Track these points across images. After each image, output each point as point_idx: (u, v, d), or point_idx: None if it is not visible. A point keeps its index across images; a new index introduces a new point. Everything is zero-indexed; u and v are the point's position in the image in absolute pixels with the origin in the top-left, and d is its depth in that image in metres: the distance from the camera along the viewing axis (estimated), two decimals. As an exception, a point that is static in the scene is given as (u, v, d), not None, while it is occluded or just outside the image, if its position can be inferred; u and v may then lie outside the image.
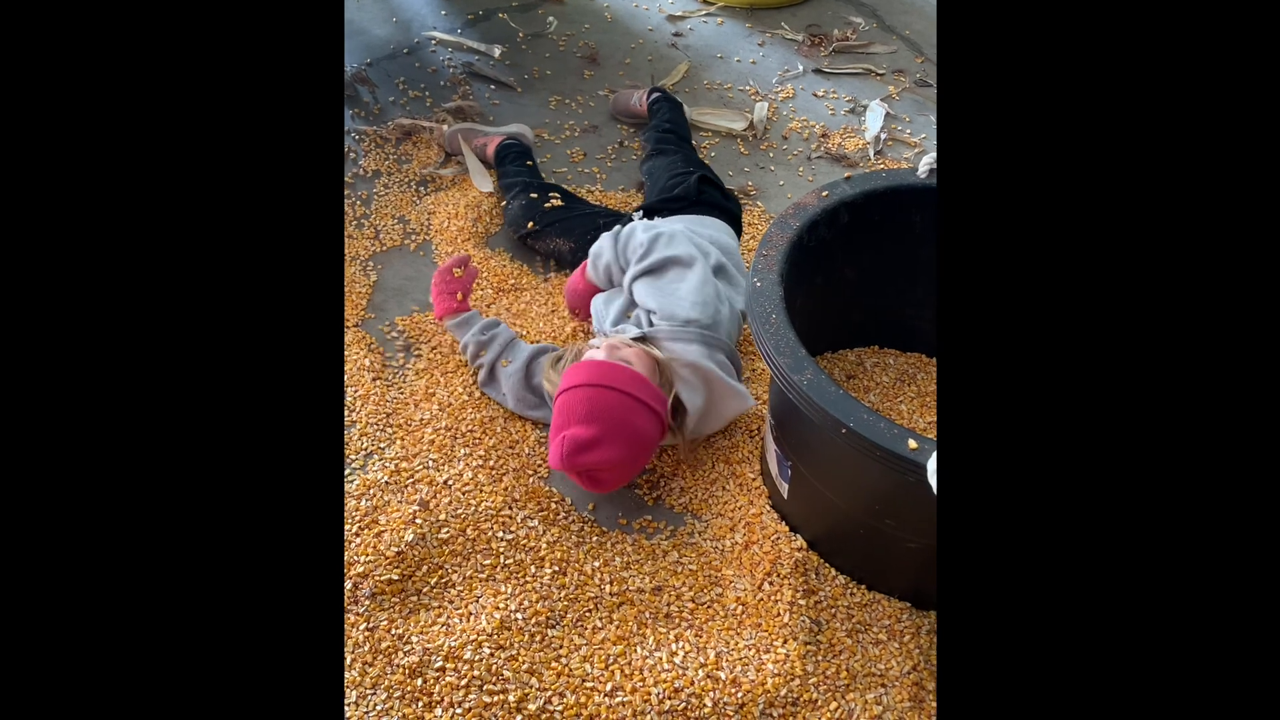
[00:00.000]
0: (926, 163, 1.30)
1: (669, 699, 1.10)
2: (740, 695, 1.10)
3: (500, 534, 1.26)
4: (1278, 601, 0.52)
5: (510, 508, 1.29)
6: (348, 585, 1.18)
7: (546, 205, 1.68)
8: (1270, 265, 0.55)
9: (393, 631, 1.15)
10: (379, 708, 1.08)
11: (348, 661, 1.12)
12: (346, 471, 1.33)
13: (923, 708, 1.12)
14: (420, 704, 1.09)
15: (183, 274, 0.59)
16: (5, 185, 0.56)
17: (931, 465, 0.92)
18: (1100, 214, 0.59)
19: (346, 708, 1.08)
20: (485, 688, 1.10)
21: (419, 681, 1.10)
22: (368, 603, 1.17)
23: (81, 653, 0.55)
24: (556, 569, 1.23)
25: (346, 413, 1.41)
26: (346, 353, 1.50)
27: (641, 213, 1.55)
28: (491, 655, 1.13)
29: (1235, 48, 0.58)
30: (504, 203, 1.76)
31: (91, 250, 0.58)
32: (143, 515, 0.57)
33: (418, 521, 1.24)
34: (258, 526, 0.59)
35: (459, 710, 1.08)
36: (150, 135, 0.59)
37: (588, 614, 1.19)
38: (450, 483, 1.32)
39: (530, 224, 1.67)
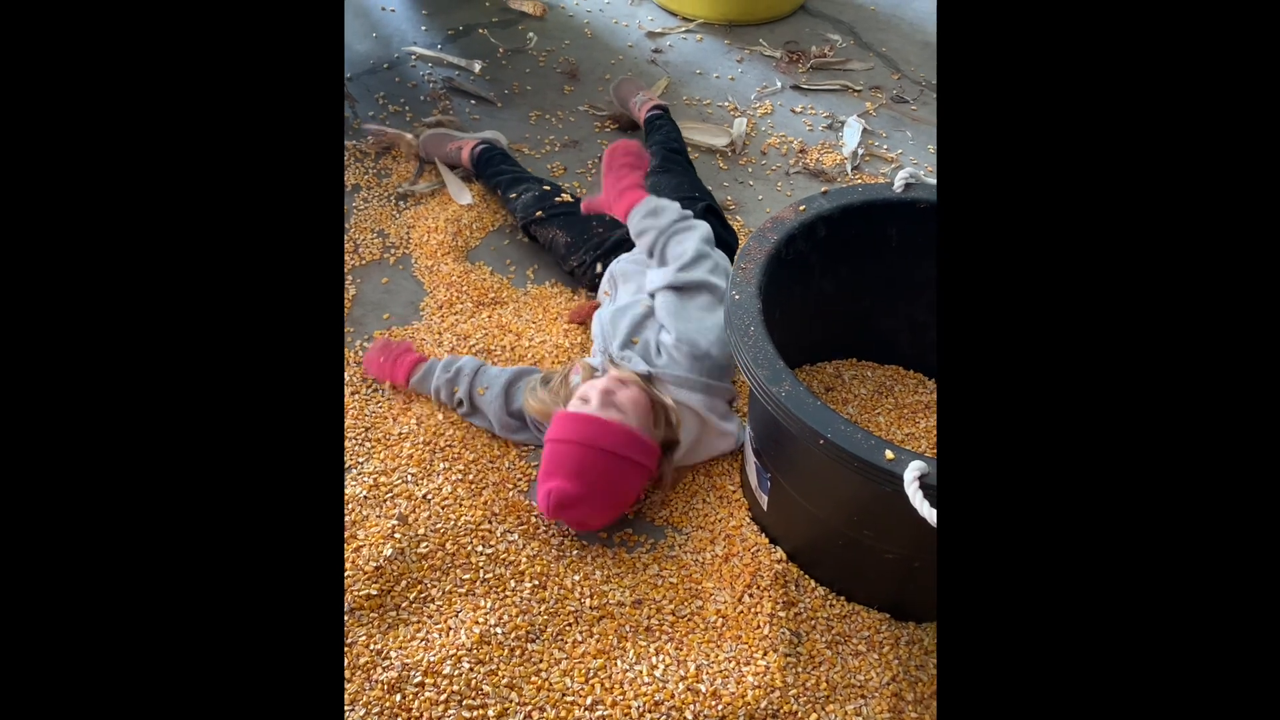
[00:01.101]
0: (902, 177, 1.31)
1: (649, 712, 1.10)
2: (721, 708, 1.10)
3: (480, 548, 1.25)
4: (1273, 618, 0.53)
5: (490, 522, 1.29)
6: (326, 600, 1.17)
7: (558, 199, 1.72)
8: (1269, 280, 0.56)
9: (371, 647, 1.14)
10: (357, 724, 1.07)
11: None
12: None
13: (902, 718, 1.13)
14: (399, 720, 1.08)
15: (186, 287, 0.59)
16: (4, 210, 0.56)
17: (909, 476, 0.93)
18: (1101, 228, 0.60)
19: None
20: (465, 703, 1.10)
21: (398, 697, 1.09)
22: (346, 618, 1.16)
23: (81, 655, 0.54)
24: (536, 583, 1.22)
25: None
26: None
27: None
28: (471, 670, 1.12)
29: (1240, 55, 0.59)
30: (512, 195, 1.76)
31: (98, 248, 0.58)
32: (144, 527, 0.56)
33: (396, 536, 1.24)
34: (261, 540, 0.59)
35: (438, 726, 1.08)
36: (155, 149, 0.60)
37: (568, 628, 1.19)
38: (429, 497, 1.31)
39: (539, 212, 1.70)
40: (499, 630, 1.16)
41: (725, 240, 1.60)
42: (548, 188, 1.75)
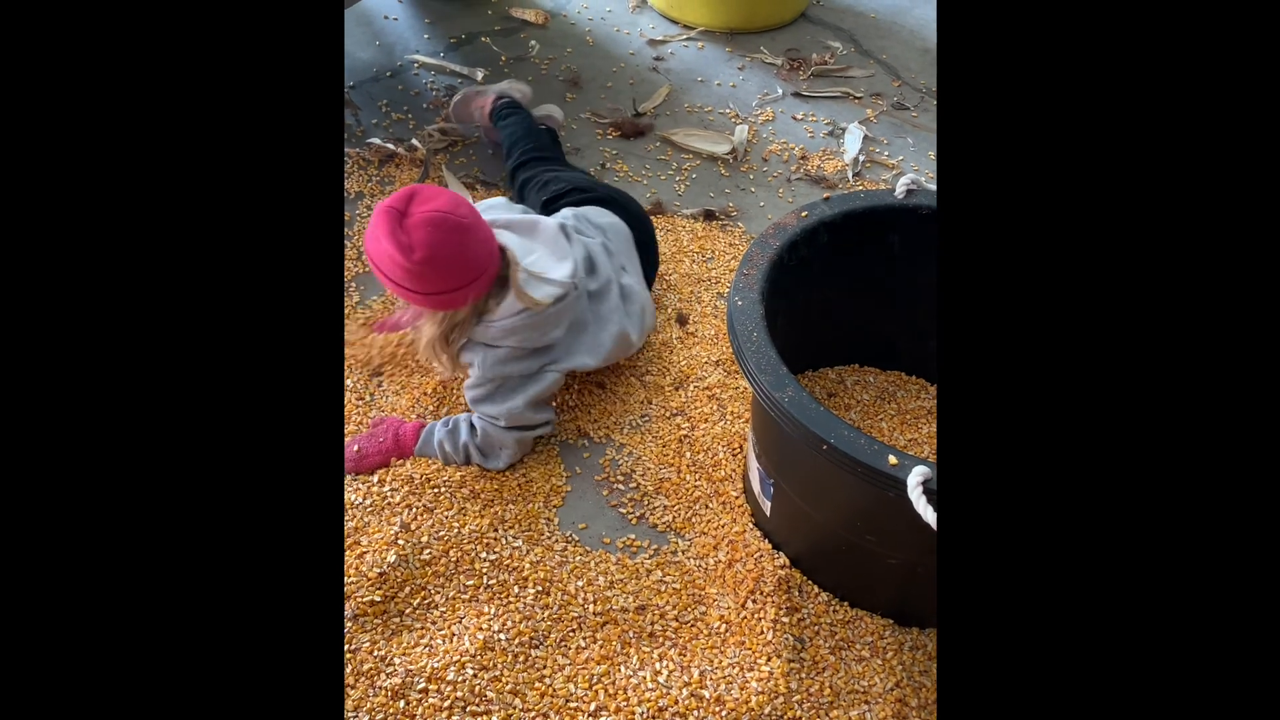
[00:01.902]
0: (904, 184, 1.32)
1: (653, 718, 1.10)
2: (725, 714, 1.10)
3: (483, 554, 1.26)
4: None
5: (494, 529, 1.29)
6: (329, 607, 1.17)
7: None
8: (1265, 289, 0.56)
9: (375, 653, 1.14)
10: (361, 731, 1.07)
11: (329, 684, 1.11)
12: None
13: (906, 724, 1.12)
14: (403, 726, 1.08)
15: (187, 294, 0.60)
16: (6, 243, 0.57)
17: (912, 482, 0.93)
18: (1101, 234, 0.61)
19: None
20: (468, 709, 1.10)
21: (401, 703, 1.09)
22: (349, 624, 1.16)
23: (82, 663, 0.55)
24: (540, 589, 1.22)
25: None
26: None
27: None
28: (475, 676, 1.12)
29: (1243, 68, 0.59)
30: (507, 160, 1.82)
31: (100, 254, 0.58)
32: (145, 531, 0.57)
33: (400, 542, 1.24)
34: (260, 545, 0.59)
35: (442, 732, 1.08)
36: (157, 154, 0.60)
37: (571, 634, 1.19)
38: (432, 505, 1.31)
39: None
40: (502, 636, 1.16)
41: (614, 199, 1.59)
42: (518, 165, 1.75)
